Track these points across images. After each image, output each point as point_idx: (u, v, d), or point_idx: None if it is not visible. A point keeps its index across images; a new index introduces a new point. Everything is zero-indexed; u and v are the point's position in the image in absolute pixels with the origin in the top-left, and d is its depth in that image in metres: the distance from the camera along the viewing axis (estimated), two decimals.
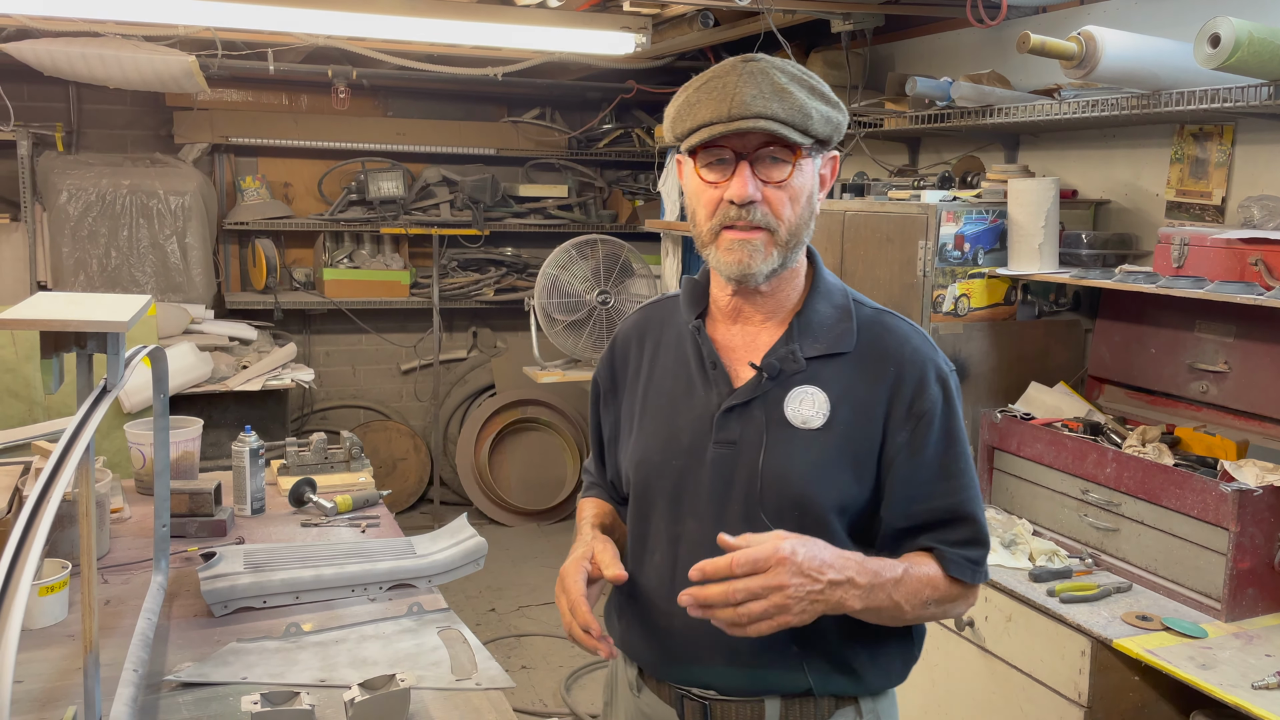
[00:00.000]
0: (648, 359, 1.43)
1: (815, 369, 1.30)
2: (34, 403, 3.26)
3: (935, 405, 1.29)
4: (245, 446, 2.30)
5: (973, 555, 1.30)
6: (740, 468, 1.29)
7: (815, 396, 1.29)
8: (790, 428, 1.28)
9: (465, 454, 5.19)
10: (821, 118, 1.24)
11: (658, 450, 1.36)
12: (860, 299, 1.38)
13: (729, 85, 1.22)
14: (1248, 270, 2.05)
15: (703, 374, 1.35)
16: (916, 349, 1.31)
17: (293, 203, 4.97)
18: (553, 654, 3.81)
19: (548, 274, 4.29)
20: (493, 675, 1.61)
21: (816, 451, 1.27)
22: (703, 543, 1.29)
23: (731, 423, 1.31)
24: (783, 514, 1.26)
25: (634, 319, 1.50)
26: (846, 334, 1.32)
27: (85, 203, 4.17)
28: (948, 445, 1.30)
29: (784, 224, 1.25)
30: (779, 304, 1.34)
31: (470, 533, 2.06)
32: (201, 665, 1.58)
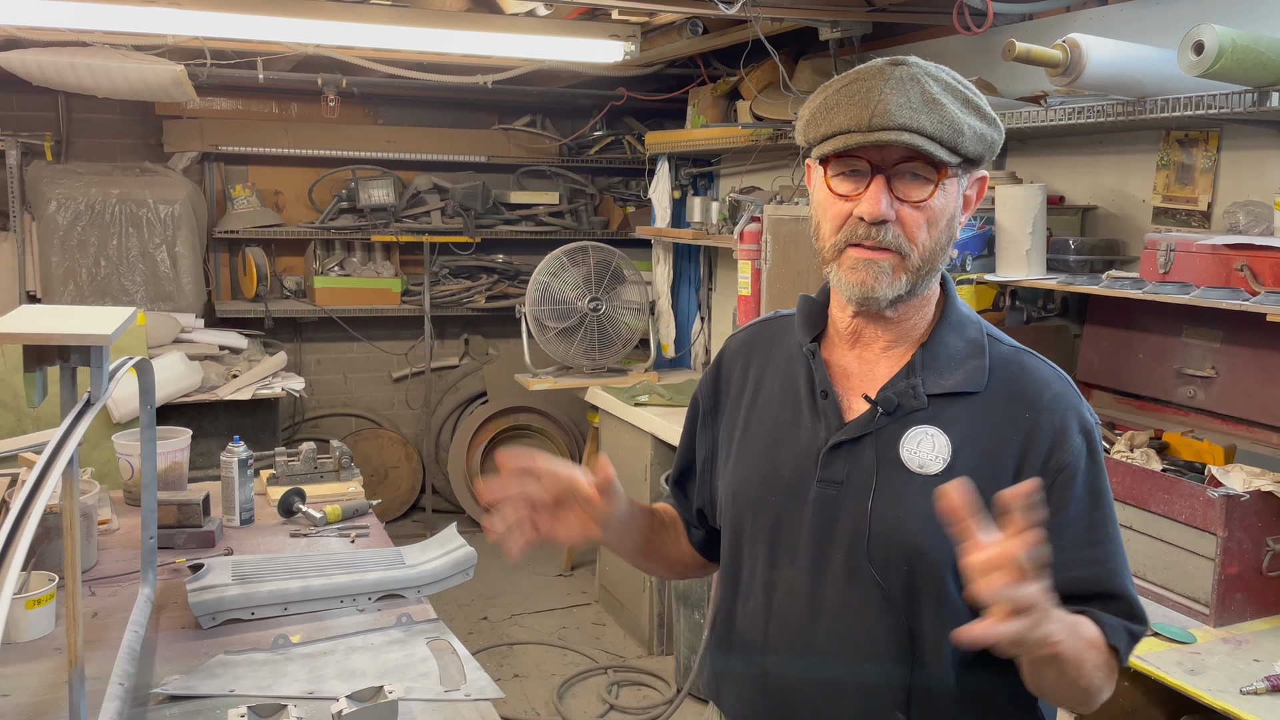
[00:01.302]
0: (753, 380, 1.32)
1: (938, 408, 1.17)
2: (23, 413, 3.24)
3: (1078, 460, 1.14)
4: (234, 457, 2.29)
5: (1132, 629, 1.14)
6: (845, 512, 1.16)
7: (936, 438, 1.15)
8: (905, 471, 1.15)
9: (457, 462, 5.19)
10: (974, 135, 1.12)
11: (756, 484, 1.24)
12: (997, 335, 1.24)
13: (873, 90, 1.10)
14: (1233, 275, 2.06)
15: (812, 403, 1.23)
16: (1058, 395, 1.17)
17: (283, 211, 4.97)
18: (545, 663, 3.80)
19: (539, 281, 4.29)
20: (481, 686, 1.61)
21: (931, 500, 1.08)
22: (799, 592, 1.18)
23: (839, 460, 1.18)
24: (890, 566, 1.14)
25: (743, 335, 1.39)
26: (977, 371, 1.18)
27: (74, 212, 4.16)
28: (1092, 507, 1.15)
29: (917, 248, 1.13)
30: (904, 332, 1.21)
31: (460, 542, 2.06)
32: (189, 678, 1.58)
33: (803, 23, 3.24)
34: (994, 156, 1.18)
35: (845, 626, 1.16)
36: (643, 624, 3.88)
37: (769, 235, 3.06)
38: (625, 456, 3.99)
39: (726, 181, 4.49)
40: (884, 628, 1.14)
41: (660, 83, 4.67)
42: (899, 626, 1.14)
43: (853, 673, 1.15)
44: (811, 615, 1.17)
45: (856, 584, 1.15)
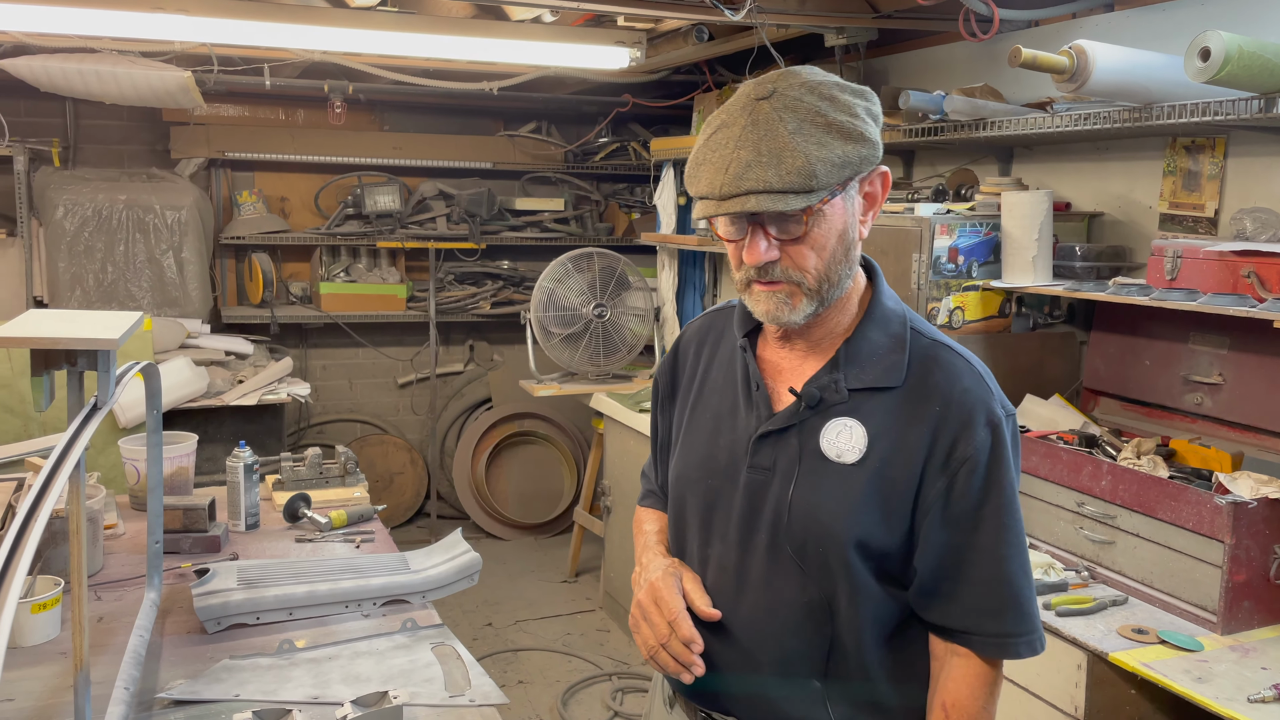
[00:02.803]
0: (703, 367, 1.40)
1: (858, 401, 1.24)
2: (29, 418, 3.25)
3: (980, 452, 1.20)
4: (240, 462, 2.29)
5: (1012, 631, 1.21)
6: (770, 496, 1.25)
7: (853, 430, 1.22)
8: (824, 460, 1.23)
9: (462, 468, 5.19)
10: (834, 164, 1.14)
11: (696, 467, 1.33)
12: (921, 327, 1.29)
13: (728, 147, 1.15)
14: (1240, 282, 2.06)
15: (747, 394, 1.31)
16: (968, 389, 1.22)
17: (289, 217, 4.98)
18: (550, 669, 3.79)
19: (544, 287, 4.29)
20: (486, 692, 1.61)
21: (847, 487, 1.21)
22: (728, 568, 1.27)
23: (767, 448, 1.27)
24: (806, 548, 1.22)
25: (699, 323, 1.47)
26: (896, 367, 1.24)
27: (82, 218, 4.17)
28: (989, 496, 1.21)
29: (809, 274, 1.19)
30: (828, 330, 1.28)
31: (464, 548, 2.06)
32: (194, 683, 1.57)
33: (808, 29, 3.24)
34: (877, 155, 1.20)
35: (768, 600, 1.25)
36: None
37: None
38: (630, 462, 3.98)
39: None
40: (802, 602, 1.23)
41: (666, 89, 4.68)
42: (816, 601, 1.23)
43: (774, 643, 1.25)
44: (738, 589, 1.27)
45: (778, 562, 1.24)
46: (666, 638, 1.25)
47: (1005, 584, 1.21)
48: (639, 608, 1.30)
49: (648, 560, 1.38)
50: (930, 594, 1.23)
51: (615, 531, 4.16)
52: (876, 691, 1.26)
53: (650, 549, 1.41)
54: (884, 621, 1.24)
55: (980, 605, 1.21)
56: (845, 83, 1.21)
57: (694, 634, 1.23)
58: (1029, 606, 1.22)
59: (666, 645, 1.25)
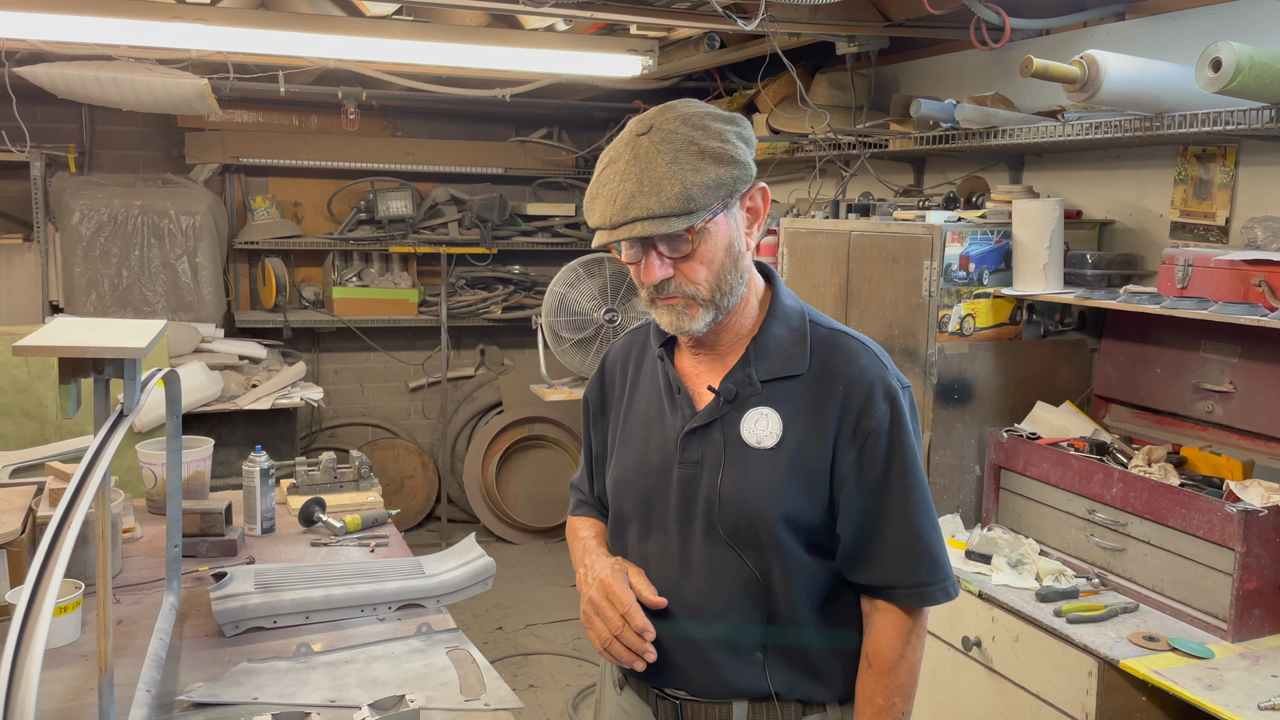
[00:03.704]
0: (629, 382, 1.51)
1: (770, 391, 1.36)
2: (46, 422, 3.28)
3: (882, 423, 1.33)
4: (256, 466, 2.32)
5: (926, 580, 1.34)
6: (702, 486, 1.37)
7: (769, 417, 1.35)
8: (746, 447, 1.35)
9: (473, 472, 5.21)
10: (707, 188, 1.26)
11: (632, 470, 1.44)
12: (818, 319, 1.42)
13: (615, 180, 1.27)
14: (1251, 291, 2.06)
15: (670, 399, 1.43)
16: (865, 368, 1.35)
17: (302, 222, 5.01)
18: (560, 673, 3.81)
19: (555, 292, 4.31)
20: (501, 696, 1.62)
21: (769, 470, 1.33)
22: (670, 557, 1.39)
23: (694, 444, 1.38)
24: (739, 530, 1.34)
25: (622, 343, 1.58)
26: (799, 356, 1.37)
27: (97, 223, 4.21)
28: (893, 462, 1.34)
29: (701, 286, 1.31)
30: (734, 332, 1.41)
31: (479, 552, 2.08)
32: (213, 685, 1.60)
33: (820, 38, 3.26)
34: (750, 174, 1.31)
35: (709, 583, 1.36)
36: None
37: (785, 248, 3.07)
38: None
39: None
40: (740, 581, 1.34)
41: (677, 95, 4.69)
42: (753, 579, 1.34)
43: (718, 621, 1.35)
44: (681, 575, 1.37)
45: (715, 546, 1.35)
46: (620, 629, 1.33)
47: (917, 539, 1.34)
48: (591, 604, 1.38)
49: (591, 561, 1.47)
50: (854, 558, 1.36)
51: None
52: (813, 656, 1.37)
53: (591, 551, 1.50)
54: (816, 590, 1.36)
55: (898, 561, 1.34)
56: (718, 111, 1.33)
57: (646, 623, 1.32)
58: (941, 556, 1.36)
59: (620, 636, 1.33)
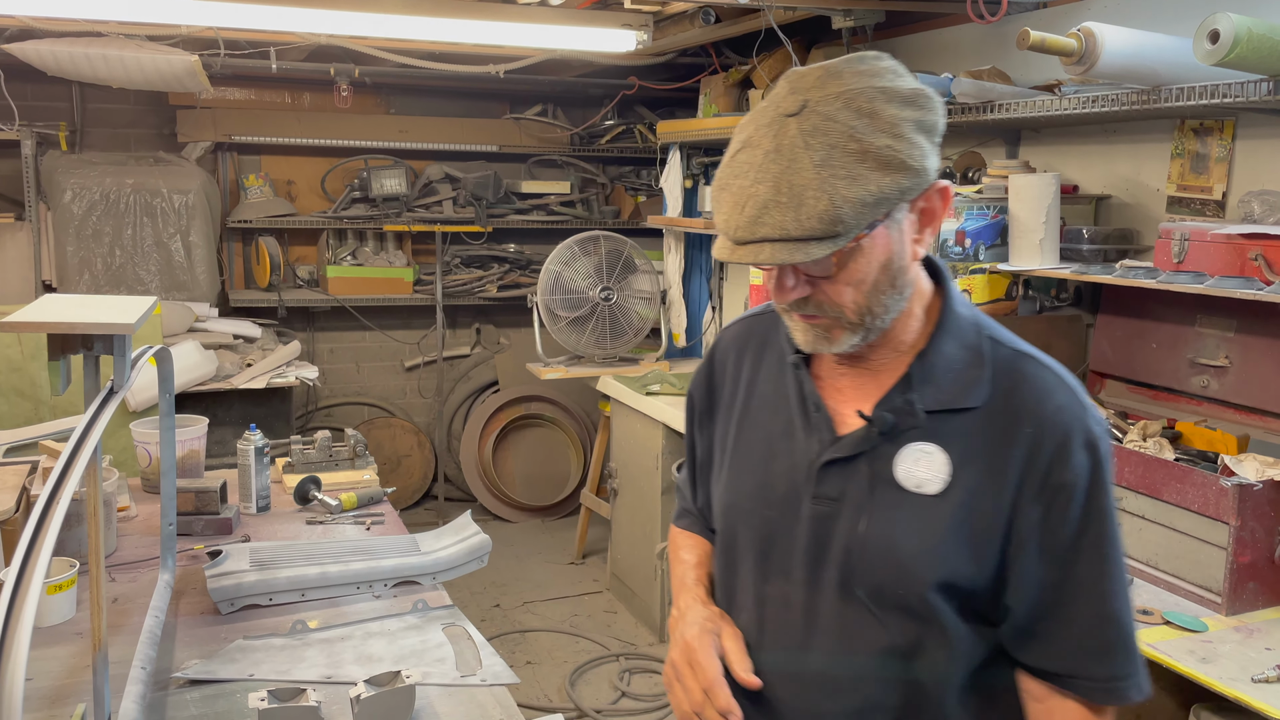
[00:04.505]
0: (745, 382, 1.27)
1: (937, 424, 1.11)
2: (40, 401, 3.27)
3: (1079, 478, 1.08)
4: (250, 445, 2.31)
5: (1120, 674, 1.09)
6: (839, 530, 1.12)
7: (933, 457, 1.10)
8: (900, 491, 1.10)
9: (469, 450, 5.21)
10: (863, 206, 0.99)
11: (749, 496, 1.21)
12: (998, 335, 1.15)
13: (748, 176, 1.01)
14: (1248, 265, 2.06)
15: (804, 414, 1.18)
16: (1061, 407, 1.09)
17: (296, 200, 4.99)
18: (558, 650, 3.82)
19: (550, 271, 4.30)
20: (497, 671, 1.63)
21: (929, 521, 1.09)
22: (793, 607, 1.16)
23: (833, 477, 1.14)
24: (881, 589, 1.10)
25: (735, 330, 1.33)
26: (976, 384, 1.11)
27: (89, 202, 4.19)
28: (1090, 526, 1.08)
29: (846, 308, 1.07)
30: (894, 346, 1.14)
31: (474, 530, 2.08)
32: (208, 663, 1.60)
33: (816, 11, 3.23)
34: (926, 180, 1.04)
35: (840, 646, 1.13)
36: (654, 611, 3.90)
37: None
38: (636, 446, 4.00)
39: None
40: (880, 646, 1.11)
41: (672, 72, 4.67)
42: (896, 646, 1.11)
43: (849, 693, 1.13)
44: (805, 633, 1.15)
45: (850, 605, 1.12)
46: (701, 705, 1.15)
47: (1110, 622, 1.09)
48: (673, 667, 1.20)
49: (685, 605, 1.27)
50: (1027, 634, 1.11)
51: (622, 514, 4.19)
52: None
53: (688, 589, 1.30)
54: (969, 663, 1.13)
55: (1084, 646, 1.09)
56: (895, 87, 1.03)
57: (731, 704, 1.13)
58: (1134, 644, 1.11)
59: (700, 713, 1.15)
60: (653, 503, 3.86)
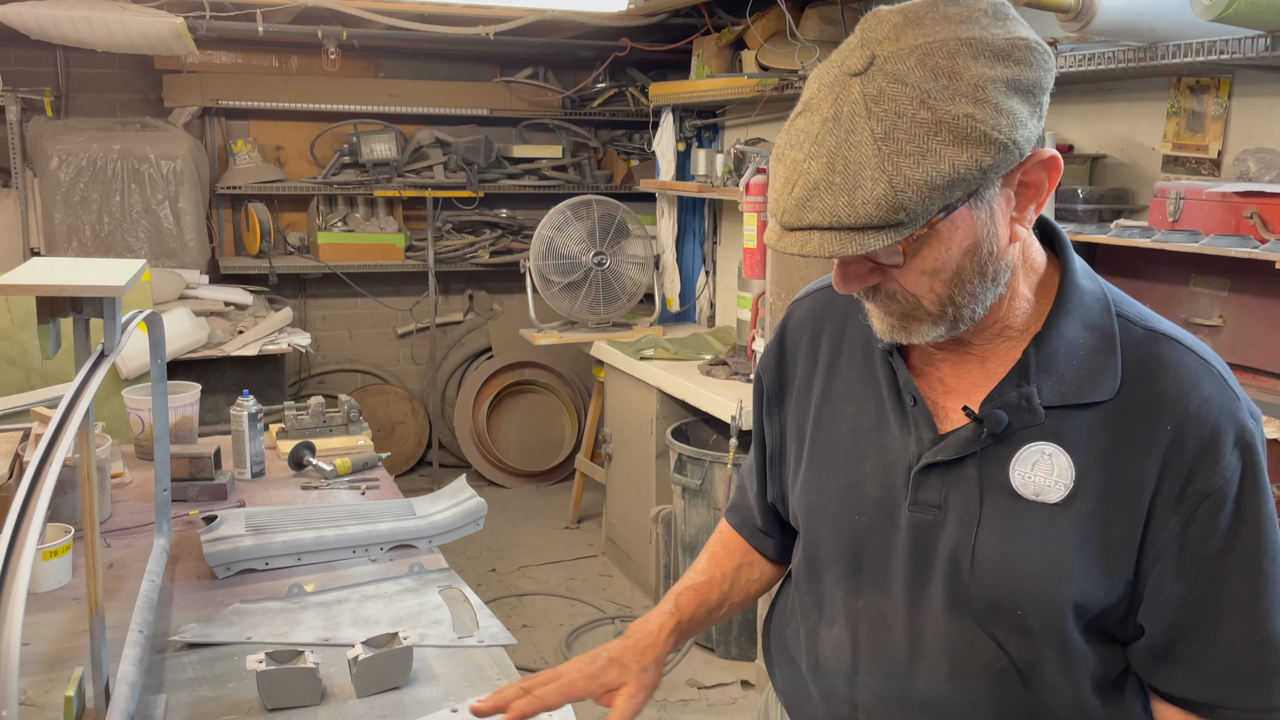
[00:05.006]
0: (824, 364, 1.11)
1: (1057, 421, 0.96)
2: (31, 370, 3.26)
3: (1229, 482, 0.93)
4: (244, 410, 2.30)
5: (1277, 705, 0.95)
6: (944, 542, 0.99)
7: (1055, 460, 0.95)
8: (1017, 499, 0.96)
9: (463, 417, 5.21)
10: (931, 190, 0.83)
11: (835, 499, 1.06)
12: (1127, 310, 1.00)
13: (802, 148, 0.87)
14: (1243, 223, 2.05)
15: (898, 406, 1.03)
16: (1208, 399, 0.94)
17: (285, 166, 4.94)
18: (553, 613, 3.85)
19: (543, 235, 4.28)
20: (494, 633, 1.63)
21: (1052, 534, 0.95)
22: (894, 627, 1.02)
23: (934, 481, 1.00)
24: (999, 611, 0.97)
25: (809, 303, 1.16)
26: (1105, 372, 0.95)
27: (76, 168, 4.14)
28: (1239, 537, 0.93)
29: (924, 298, 0.92)
30: (1000, 330, 0.99)
31: (470, 493, 2.08)
32: (206, 626, 1.60)
33: None
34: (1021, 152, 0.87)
35: (950, 668, 0.99)
36: (649, 575, 3.92)
37: None
38: (631, 410, 4.01)
39: (732, 133, 4.45)
40: (995, 672, 0.98)
41: (664, 33, 4.62)
42: (1010, 671, 0.98)
43: (956, 717, 1.00)
44: (909, 655, 1.01)
45: (960, 623, 0.98)
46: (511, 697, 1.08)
47: (1266, 645, 0.94)
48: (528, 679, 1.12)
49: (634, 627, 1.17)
50: (1163, 658, 0.98)
51: (617, 478, 4.20)
52: None
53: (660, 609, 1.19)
54: (1093, 686, 1.00)
55: (1233, 673, 0.95)
56: (986, 37, 0.85)
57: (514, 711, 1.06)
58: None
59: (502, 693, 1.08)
60: (647, 467, 3.86)
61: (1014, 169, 0.89)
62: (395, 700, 1.41)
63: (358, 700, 1.41)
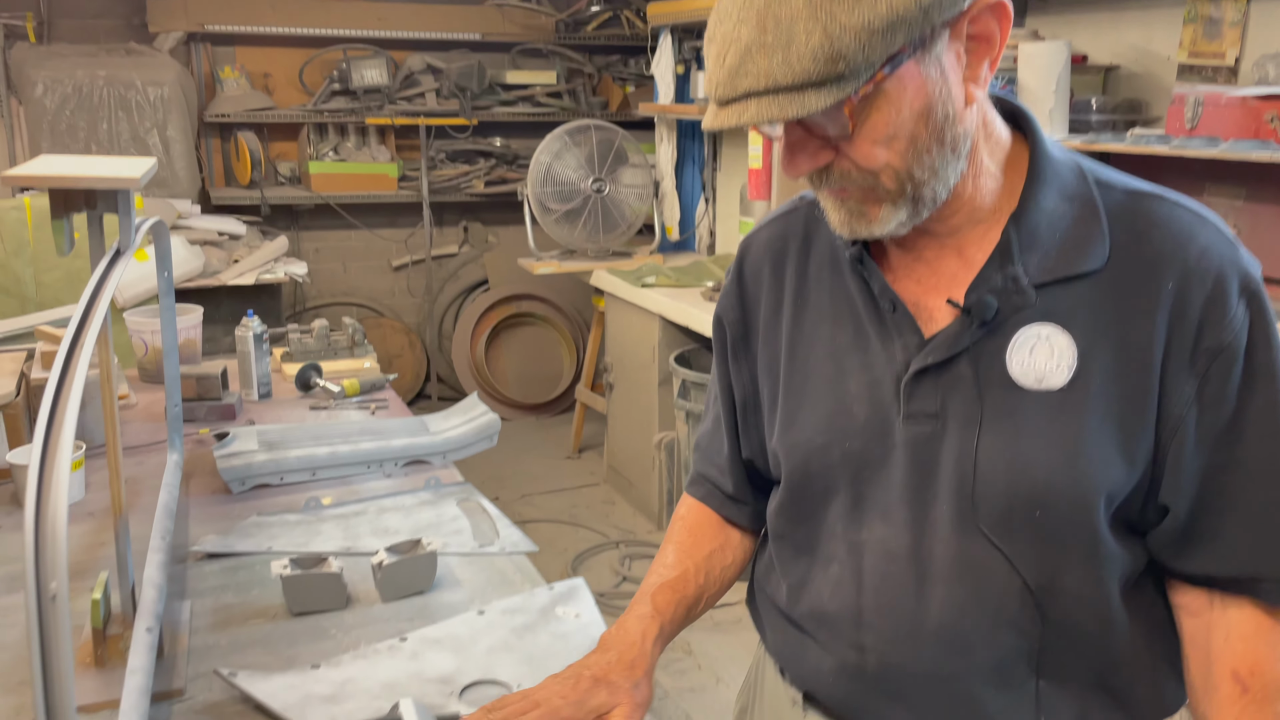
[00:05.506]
0: (790, 293, 1.04)
1: (1050, 299, 0.90)
2: (26, 299, 3.21)
3: (1239, 334, 0.88)
4: (249, 331, 2.27)
5: None
6: (947, 454, 0.92)
7: (1054, 341, 0.89)
8: (1019, 392, 0.90)
9: (461, 350, 5.19)
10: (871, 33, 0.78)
11: (821, 429, 0.99)
12: (1105, 176, 0.94)
13: (728, 22, 0.83)
14: (1263, 128, 2.02)
15: (876, 317, 0.96)
16: (1206, 249, 0.89)
17: (274, 94, 4.84)
18: (558, 539, 3.87)
19: (541, 161, 4.21)
20: (515, 540, 1.63)
21: (1061, 423, 0.89)
22: (898, 555, 0.95)
23: (927, 388, 0.93)
24: (1013, 518, 0.90)
25: (765, 234, 1.09)
26: (1093, 240, 0.90)
27: (62, 95, 4.04)
28: (1256, 391, 0.88)
29: (882, 172, 0.86)
30: (972, 214, 0.93)
31: (482, 409, 2.07)
32: (225, 537, 1.59)
33: None
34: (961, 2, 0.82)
35: (964, 593, 0.92)
36: (652, 501, 3.94)
37: None
38: (632, 338, 3.99)
39: None
40: (1014, 589, 0.91)
41: None
42: (1031, 583, 0.91)
43: (979, 645, 0.93)
44: (917, 582, 0.94)
45: (972, 541, 0.92)
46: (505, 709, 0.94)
47: None
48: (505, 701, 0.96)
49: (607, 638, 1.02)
50: (1187, 537, 0.92)
51: (618, 407, 4.19)
52: (1112, 677, 0.95)
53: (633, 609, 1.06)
54: (1118, 587, 0.94)
55: (1263, 541, 0.90)
56: None
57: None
58: None
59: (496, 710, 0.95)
60: (650, 394, 3.86)
61: (959, 16, 0.84)
62: (420, 604, 1.41)
63: (383, 605, 1.40)
